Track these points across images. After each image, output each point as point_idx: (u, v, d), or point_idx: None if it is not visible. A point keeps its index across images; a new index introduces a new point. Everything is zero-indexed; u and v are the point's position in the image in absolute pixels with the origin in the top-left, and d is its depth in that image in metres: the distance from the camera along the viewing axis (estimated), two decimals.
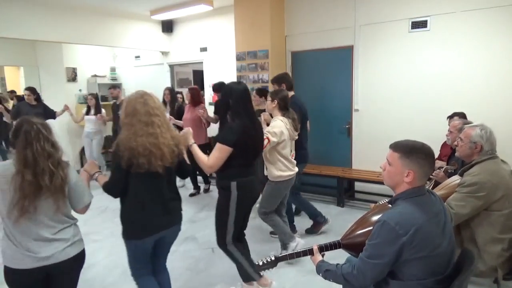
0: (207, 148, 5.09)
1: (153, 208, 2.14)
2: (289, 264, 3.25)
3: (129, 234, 2.17)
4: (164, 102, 5.81)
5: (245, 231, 2.88)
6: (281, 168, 3.17)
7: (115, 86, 6.56)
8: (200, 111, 5.22)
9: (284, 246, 3.39)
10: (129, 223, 2.16)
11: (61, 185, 1.83)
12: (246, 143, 2.50)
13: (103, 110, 6.56)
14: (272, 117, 3.31)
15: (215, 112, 5.41)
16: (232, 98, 2.52)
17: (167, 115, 5.68)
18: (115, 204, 2.23)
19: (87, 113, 6.53)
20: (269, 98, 3.28)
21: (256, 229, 4.08)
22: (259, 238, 3.90)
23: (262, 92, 4.21)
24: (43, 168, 1.76)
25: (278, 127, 3.07)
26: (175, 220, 2.30)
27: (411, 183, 1.58)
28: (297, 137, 3.41)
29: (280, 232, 3.38)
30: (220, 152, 2.45)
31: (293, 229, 3.92)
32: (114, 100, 6.59)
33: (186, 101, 5.56)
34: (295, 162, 3.34)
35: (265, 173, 3.30)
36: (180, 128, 5.67)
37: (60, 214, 1.89)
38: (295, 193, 3.93)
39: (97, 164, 2.34)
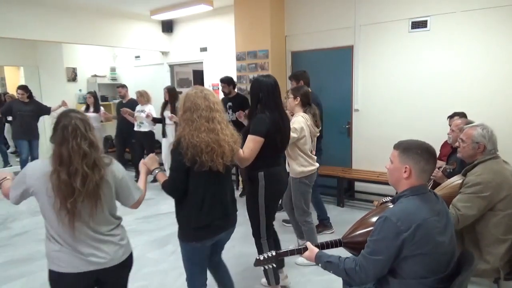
0: None
1: (214, 209, 2.05)
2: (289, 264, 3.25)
3: (186, 236, 2.07)
4: (166, 101, 5.86)
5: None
6: (303, 163, 3.14)
7: (123, 85, 6.64)
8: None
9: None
10: (187, 224, 2.06)
11: (94, 189, 1.66)
12: (275, 135, 2.51)
13: (101, 108, 6.64)
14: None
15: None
16: (263, 91, 2.53)
17: (168, 113, 5.72)
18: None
19: (86, 110, 6.61)
20: (290, 96, 3.24)
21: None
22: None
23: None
24: (76, 169, 1.61)
25: (298, 123, 3.06)
26: (234, 221, 2.23)
27: (409, 180, 1.61)
28: (318, 134, 3.39)
29: (308, 239, 3.26)
30: (254, 143, 2.43)
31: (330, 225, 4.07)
32: (121, 99, 6.61)
33: None
34: (315, 157, 3.32)
35: (287, 169, 3.24)
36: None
37: (108, 214, 1.78)
38: (314, 190, 3.88)
39: (157, 159, 2.22)
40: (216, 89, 6.53)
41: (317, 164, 3.30)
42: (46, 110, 6.32)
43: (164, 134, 5.98)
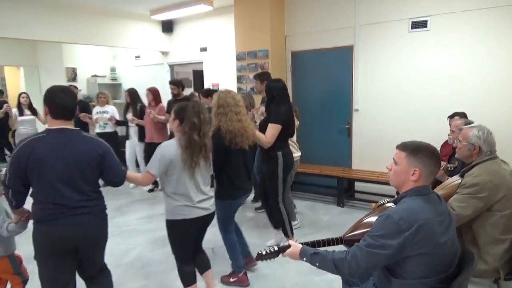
0: None
1: (243, 175, 2.85)
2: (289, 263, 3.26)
3: (226, 195, 2.80)
4: (128, 103, 5.75)
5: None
6: (292, 150, 3.68)
7: (76, 87, 6.30)
8: (147, 110, 5.23)
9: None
10: (227, 187, 2.77)
11: (210, 147, 2.44)
12: (288, 123, 3.35)
13: (37, 110, 6.18)
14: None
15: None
16: (276, 91, 3.35)
17: (130, 115, 5.58)
18: (115, 204, 2.23)
19: (21, 114, 6.09)
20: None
21: (252, 222, 4.11)
22: (256, 232, 3.91)
23: (208, 93, 4.88)
24: (205, 132, 2.36)
25: None
26: (251, 185, 3.02)
27: (417, 182, 1.60)
28: (297, 126, 4.01)
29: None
30: (275, 130, 3.25)
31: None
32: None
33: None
34: (297, 145, 4.08)
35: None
36: (142, 128, 5.56)
37: (211, 176, 2.54)
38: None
39: None
40: (216, 89, 6.54)
41: (299, 152, 4.11)
42: None
43: (127, 136, 5.90)
